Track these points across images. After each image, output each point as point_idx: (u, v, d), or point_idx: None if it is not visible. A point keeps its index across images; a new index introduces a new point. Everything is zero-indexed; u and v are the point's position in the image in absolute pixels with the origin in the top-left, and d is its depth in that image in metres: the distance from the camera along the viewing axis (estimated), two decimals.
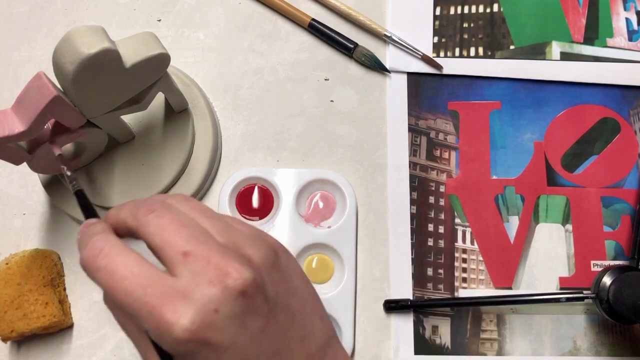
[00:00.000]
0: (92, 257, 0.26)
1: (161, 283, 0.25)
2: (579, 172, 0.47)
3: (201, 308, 0.24)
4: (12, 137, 0.34)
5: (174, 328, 0.24)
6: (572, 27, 0.50)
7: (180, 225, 0.26)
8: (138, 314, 0.25)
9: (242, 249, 0.27)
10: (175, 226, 0.26)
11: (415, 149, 0.48)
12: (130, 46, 0.35)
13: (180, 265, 0.25)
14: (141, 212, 0.27)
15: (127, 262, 0.26)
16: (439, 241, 0.46)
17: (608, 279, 0.42)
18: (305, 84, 0.49)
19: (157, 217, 0.27)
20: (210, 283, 0.25)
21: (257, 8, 0.51)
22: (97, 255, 0.26)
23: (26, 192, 0.47)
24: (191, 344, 0.24)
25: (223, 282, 0.25)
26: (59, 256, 0.45)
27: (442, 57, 0.49)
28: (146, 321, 0.25)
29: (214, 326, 0.24)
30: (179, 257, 0.26)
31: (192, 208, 0.28)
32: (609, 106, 0.48)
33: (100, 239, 0.27)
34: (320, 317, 0.30)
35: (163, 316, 0.24)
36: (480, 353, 0.44)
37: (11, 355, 0.44)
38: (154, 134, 0.45)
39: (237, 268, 0.25)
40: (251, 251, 0.27)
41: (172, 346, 0.24)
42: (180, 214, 0.27)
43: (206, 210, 0.29)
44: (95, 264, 0.26)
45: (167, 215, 0.27)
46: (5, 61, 0.51)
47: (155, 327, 0.24)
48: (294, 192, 0.45)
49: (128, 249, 0.26)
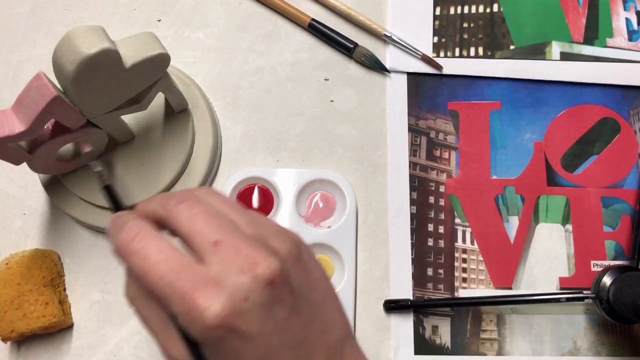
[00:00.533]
0: (127, 242, 0.27)
1: (194, 270, 0.25)
2: (579, 172, 0.47)
3: (232, 295, 0.25)
4: (12, 137, 0.34)
5: (206, 314, 0.24)
6: (572, 27, 0.50)
7: (210, 216, 0.27)
8: (170, 298, 0.25)
9: (269, 240, 0.28)
10: (205, 216, 0.27)
11: (415, 149, 0.48)
12: (130, 46, 0.35)
13: (210, 254, 0.26)
14: (172, 202, 0.28)
15: (161, 248, 0.26)
16: (439, 241, 0.46)
17: (608, 279, 0.42)
18: (305, 84, 0.49)
19: (188, 208, 0.27)
20: (241, 271, 0.25)
21: (257, 8, 0.51)
22: (132, 240, 0.27)
23: (26, 192, 0.47)
24: (220, 330, 0.25)
25: (253, 271, 0.25)
26: (59, 256, 0.45)
27: (442, 57, 0.49)
28: (178, 306, 0.25)
29: (243, 314, 0.25)
30: (209, 246, 0.26)
31: (220, 201, 0.29)
32: (609, 106, 0.48)
33: (135, 225, 0.27)
34: (339, 312, 0.30)
35: (195, 302, 0.25)
36: (480, 353, 0.44)
37: (11, 355, 0.44)
38: (154, 134, 0.45)
39: (265, 258, 0.26)
40: (277, 243, 0.28)
41: (201, 332, 0.25)
42: (209, 206, 0.28)
43: (233, 204, 0.29)
44: (130, 247, 0.27)
45: (197, 206, 0.28)
46: (5, 61, 0.51)
47: (187, 312, 0.25)
48: (294, 192, 0.45)
49: (162, 236, 0.27)
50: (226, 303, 0.25)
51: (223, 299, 0.25)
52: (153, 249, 0.26)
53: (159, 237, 0.27)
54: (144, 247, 0.26)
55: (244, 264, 0.25)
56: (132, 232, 0.27)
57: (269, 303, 0.26)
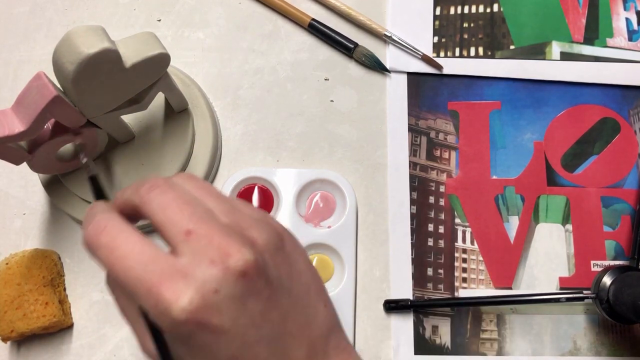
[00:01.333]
0: (94, 235, 0.26)
1: (162, 261, 0.24)
2: (579, 172, 0.47)
3: (201, 288, 0.24)
4: (12, 137, 0.34)
5: (172, 307, 0.23)
6: (572, 27, 0.50)
7: (183, 203, 0.26)
8: (137, 292, 0.24)
9: (246, 230, 0.26)
10: (178, 204, 0.26)
11: (415, 149, 0.48)
12: (130, 46, 0.35)
13: (182, 244, 0.25)
14: (144, 188, 0.27)
15: (129, 240, 0.25)
16: (439, 241, 0.46)
17: (608, 279, 0.42)
18: (305, 84, 0.49)
19: (160, 194, 0.26)
20: (212, 263, 0.24)
21: (257, 8, 0.51)
22: (99, 233, 0.26)
23: (26, 192, 0.47)
24: (190, 324, 0.24)
25: (224, 262, 0.24)
26: (59, 256, 0.45)
27: (442, 57, 0.49)
28: (144, 300, 0.24)
29: (213, 307, 0.24)
30: (181, 235, 0.25)
31: (198, 187, 0.28)
32: (609, 106, 0.48)
33: (103, 218, 0.26)
34: (325, 304, 0.29)
35: (161, 295, 0.24)
36: (480, 353, 0.44)
37: (11, 355, 0.44)
38: (154, 134, 0.45)
39: (239, 249, 0.25)
40: (255, 233, 0.26)
41: (170, 327, 0.24)
42: (184, 192, 0.27)
43: (212, 190, 0.28)
44: (97, 241, 0.26)
45: (169, 192, 0.26)
46: (5, 61, 0.51)
47: (154, 306, 0.24)
48: (294, 192, 0.45)
49: (130, 227, 0.26)
50: (194, 296, 0.23)
51: (191, 291, 0.23)
52: (120, 241, 0.25)
53: (127, 229, 0.26)
54: (110, 240, 0.25)
55: (216, 255, 0.24)
56: (100, 224, 0.26)
57: (242, 296, 0.24)
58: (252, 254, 0.25)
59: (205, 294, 0.24)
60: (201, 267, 0.24)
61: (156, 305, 0.24)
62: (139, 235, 0.26)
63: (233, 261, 0.24)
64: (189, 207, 0.26)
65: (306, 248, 0.44)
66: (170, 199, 0.26)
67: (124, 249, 0.25)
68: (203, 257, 0.24)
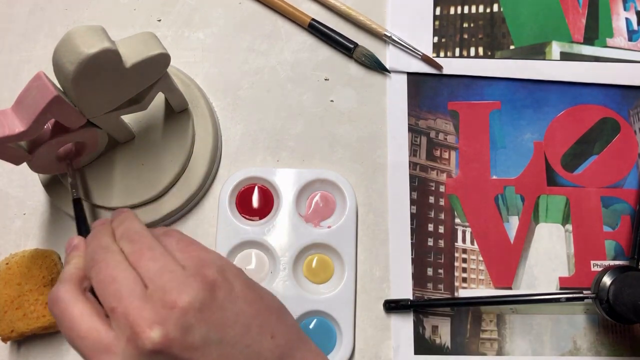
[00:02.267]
0: (50, 306, 0.31)
1: (94, 335, 0.29)
2: (579, 172, 0.47)
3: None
4: (12, 137, 0.34)
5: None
6: (572, 27, 0.50)
7: (111, 280, 0.30)
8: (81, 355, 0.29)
9: (168, 294, 0.29)
10: (107, 281, 0.30)
11: (415, 149, 0.48)
12: (130, 46, 0.35)
13: (111, 319, 0.29)
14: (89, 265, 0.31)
15: (74, 313, 0.29)
16: (439, 241, 0.46)
17: (608, 279, 0.42)
18: (305, 84, 0.49)
19: (96, 273, 0.30)
20: (128, 341, 0.28)
21: (257, 8, 0.51)
22: (53, 304, 0.30)
23: (26, 192, 0.47)
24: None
25: (136, 341, 0.28)
26: (59, 256, 0.45)
27: (442, 57, 0.49)
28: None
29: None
30: (109, 312, 0.29)
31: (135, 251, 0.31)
32: (609, 106, 0.48)
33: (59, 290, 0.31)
34: (272, 335, 0.31)
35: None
36: (480, 353, 0.44)
37: (11, 355, 0.44)
38: (154, 134, 0.45)
39: (145, 330, 0.28)
40: (177, 296, 0.29)
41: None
42: (116, 266, 0.30)
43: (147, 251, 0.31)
44: (52, 312, 0.30)
45: (103, 270, 0.30)
46: (5, 61, 0.51)
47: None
48: (294, 192, 0.45)
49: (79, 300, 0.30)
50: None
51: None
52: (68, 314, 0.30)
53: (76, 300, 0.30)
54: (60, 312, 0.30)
55: (130, 334, 0.28)
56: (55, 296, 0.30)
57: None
58: (159, 333, 0.28)
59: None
60: (121, 344, 0.28)
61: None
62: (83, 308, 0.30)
63: (140, 342, 0.28)
64: (115, 285, 0.29)
65: (306, 248, 0.44)
66: (102, 277, 0.30)
67: (69, 322, 0.29)
68: (123, 334, 0.28)
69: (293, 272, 0.44)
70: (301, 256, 0.44)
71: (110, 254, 0.31)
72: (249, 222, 0.45)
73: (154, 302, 0.29)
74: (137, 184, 0.44)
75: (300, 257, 0.44)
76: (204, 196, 0.47)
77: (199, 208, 0.47)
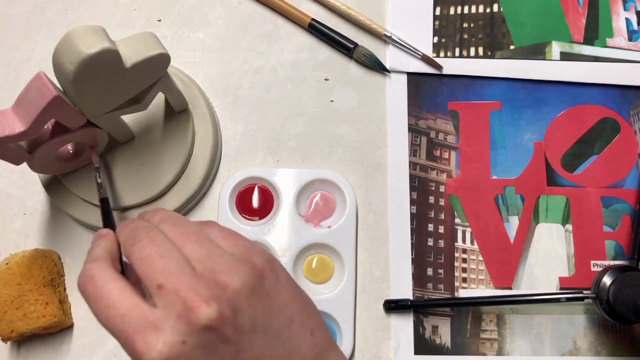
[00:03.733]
0: (82, 284, 0.29)
1: (138, 313, 0.27)
2: (579, 172, 0.47)
3: (169, 340, 0.26)
4: (12, 137, 0.34)
5: (144, 357, 0.26)
6: (572, 27, 0.50)
7: (158, 257, 0.28)
8: (117, 338, 0.27)
9: (219, 275, 0.28)
10: (154, 258, 0.28)
11: (415, 149, 0.48)
12: (130, 46, 0.35)
13: (156, 297, 0.27)
14: (129, 242, 0.30)
15: (112, 291, 0.28)
16: (439, 241, 0.46)
17: (608, 279, 0.42)
18: (305, 84, 0.49)
19: (140, 250, 0.29)
20: (178, 317, 0.26)
21: (257, 8, 0.51)
22: (87, 282, 0.29)
23: (26, 192, 0.47)
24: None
25: (188, 317, 0.26)
26: (59, 256, 0.45)
27: (442, 57, 0.49)
28: (123, 346, 0.27)
29: (182, 356, 0.26)
30: (154, 289, 0.27)
31: (180, 234, 0.30)
32: (609, 106, 0.48)
33: (93, 267, 0.29)
34: (311, 331, 0.31)
35: (135, 345, 0.26)
36: (480, 353, 0.44)
37: (11, 355, 0.44)
38: (154, 134, 0.45)
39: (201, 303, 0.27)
40: (228, 277, 0.28)
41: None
42: (162, 244, 0.29)
43: (192, 235, 0.30)
44: (85, 289, 0.29)
45: (148, 247, 0.29)
46: (5, 61, 0.51)
47: (130, 354, 0.27)
48: (294, 192, 0.45)
49: (115, 277, 0.29)
50: (164, 347, 0.26)
51: (160, 343, 0.26)
52: (104, 292, 0.28)
53: (112, 278, 0.28)
54: (95, 291, 0.28)
55: (181, 309, 0.27)
56: (89, 274, 0.29)
57: (211, 344, 0.27)
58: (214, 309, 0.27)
59: (174, 345, 0.26)
60: (170, 320, 0.27)
61: (131, 354, 0.27)
62: (122, 286, 0.28)
63: (195, 317, 0.26)
64: (162, 261, 0.28)
65: (306, 248, 0.44)
66: (147, 254, 0.29)
67: (106, 300, 0.28)
68: (172, 310, 0.27)
69: (293, 272, 0.44)
70: (301, 256, 0.44)
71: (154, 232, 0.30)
72: (249, 222, 0.45)
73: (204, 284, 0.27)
74: (137, 184, 0.44)
75: (300, 257, 0.44)
76: (204, 196, 0.47)
77: (199, 208, 0.47)
